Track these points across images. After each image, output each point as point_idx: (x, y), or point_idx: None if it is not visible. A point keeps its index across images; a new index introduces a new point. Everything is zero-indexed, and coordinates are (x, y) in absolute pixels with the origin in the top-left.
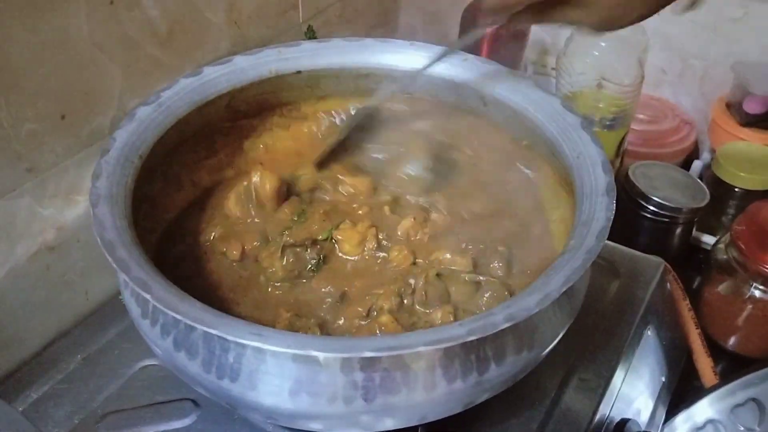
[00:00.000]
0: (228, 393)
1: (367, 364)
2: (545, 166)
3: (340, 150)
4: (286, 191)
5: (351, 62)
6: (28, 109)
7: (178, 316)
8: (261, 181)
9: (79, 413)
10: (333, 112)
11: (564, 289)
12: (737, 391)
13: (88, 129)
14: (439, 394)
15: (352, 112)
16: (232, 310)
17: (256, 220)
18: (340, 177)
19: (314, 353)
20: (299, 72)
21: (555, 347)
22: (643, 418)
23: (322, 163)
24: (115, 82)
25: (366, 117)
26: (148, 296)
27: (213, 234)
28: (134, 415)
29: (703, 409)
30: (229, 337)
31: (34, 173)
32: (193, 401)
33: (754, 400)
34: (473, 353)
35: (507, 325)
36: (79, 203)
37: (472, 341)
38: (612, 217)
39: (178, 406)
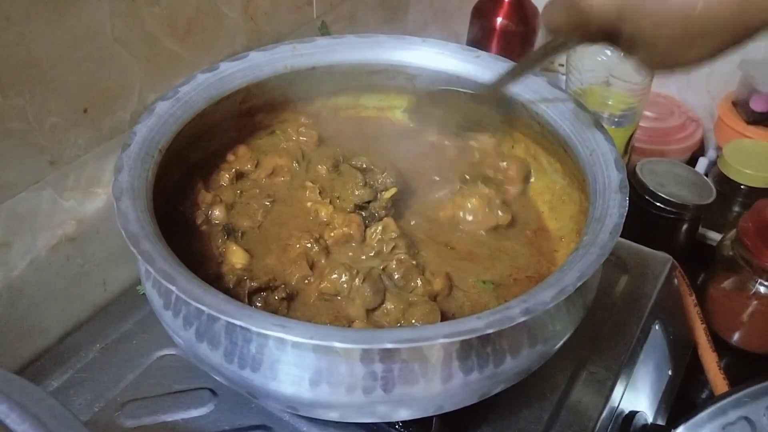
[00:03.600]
0: (250, 383)
1: (387, 355)
2: (557, 163)
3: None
4: None
5: (364, 58)
6: (52, 103)
7: (203, 307)
8: None
9: (99, 401)
10: None
11: (579, 284)
12: (729, 410)
13: (109, 123)
14: (456, 385)
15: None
16: None
17: None
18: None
19: (336, 344)
20: (314, 68)
21: (566, 341)
22: (651, 410)
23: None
24: (135, 77)
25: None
26: (173, 287)
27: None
28: (153, 404)
29: (694, 428)
30: (253, 328)
31: (56, 166)
32: (211, 390)
33: (745, 418)
34: (489, 346)
35: (523, 318)
36: (99, 195)
37: (488, 334)
38: (625, 214)
39: (196, 395)
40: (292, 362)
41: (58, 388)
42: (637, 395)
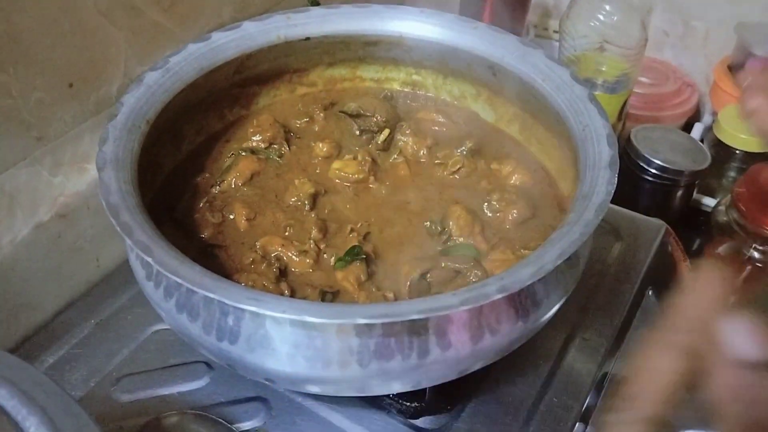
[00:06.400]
0: (228, 355)
1: (362, 330)
2: (553, 138)
3: None
4: None
5: (360, 29)
6: (37, 78)
7: (179, 280)
8: None
9: (94, 376)
10: None
11: (558, 263)
12: None
13: (95, 97)
14: (433, 361)
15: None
16: None
17: None
18: None
19: (309, 319)
20: (308, 38)
21: (550, 318)
22: None
23: None
24: (120, 50)
25: None
26: (150, 259)
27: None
28: (149, 378)
29: None
30: (227, 301)
31: (43, 142)
32: (207, 363)
33: None
34: (467, 322)
35: (499, 296)
36: (89, 171)
37: (466, 310)
38: (612, 192)
39: (192, 369)
40: (268, 335)
41: (53, 365)
42: (630, 362)
